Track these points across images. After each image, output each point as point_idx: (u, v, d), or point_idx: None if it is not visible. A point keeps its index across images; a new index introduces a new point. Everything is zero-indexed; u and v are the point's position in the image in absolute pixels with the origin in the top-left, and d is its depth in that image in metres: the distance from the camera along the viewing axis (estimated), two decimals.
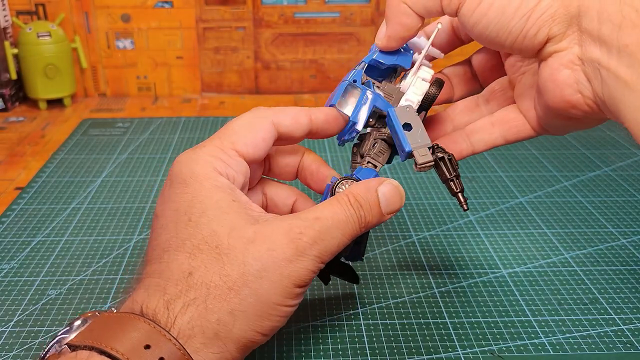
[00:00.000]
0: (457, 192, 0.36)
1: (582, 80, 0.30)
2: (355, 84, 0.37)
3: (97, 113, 0.83)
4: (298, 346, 0.39)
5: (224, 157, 0.33)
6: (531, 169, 0.65)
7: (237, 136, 0.33)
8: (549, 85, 0.32)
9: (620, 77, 0.28)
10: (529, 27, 0.30)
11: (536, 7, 0.30)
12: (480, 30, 0.32)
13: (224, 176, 0.32)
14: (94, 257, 0.48)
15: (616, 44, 0.28)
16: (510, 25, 0.31)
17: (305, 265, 0.30)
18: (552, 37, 0.30)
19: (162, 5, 0.85)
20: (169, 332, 0.27)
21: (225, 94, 0.91)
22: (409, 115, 0.35)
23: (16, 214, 0.55)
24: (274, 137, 0.35)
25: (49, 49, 0.80)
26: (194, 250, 0.30)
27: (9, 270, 0.46)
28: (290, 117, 0.35)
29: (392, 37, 0.35)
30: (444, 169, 0.35)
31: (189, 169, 0.32)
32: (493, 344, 0.39)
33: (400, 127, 0.35)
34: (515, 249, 0.50)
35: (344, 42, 0.89)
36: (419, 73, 0.37)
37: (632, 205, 0.57)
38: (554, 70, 0.31)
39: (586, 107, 0.31)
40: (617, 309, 0.42)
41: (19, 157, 0.68)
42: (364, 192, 0.33)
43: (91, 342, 0.27)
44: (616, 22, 0.28)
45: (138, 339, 0.27)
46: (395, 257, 0.49)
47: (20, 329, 0.40)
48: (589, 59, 0.29)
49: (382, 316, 0.42)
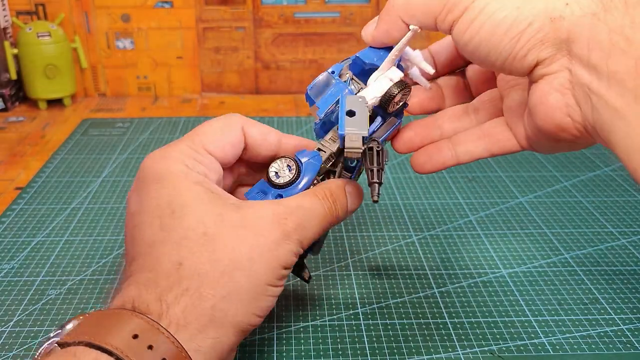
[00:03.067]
0: (372, 182, 0.34)
1: (571, 104, 0.30)
2: (332, 74, 0.37)
3: (97, 113, 0.83)
4: (298, 346, 0.39)
5: (195, 155, 0.34)
6: (531, 169, 0.65)
7: (206, 137, 0.35)
8: (539, 107, 0.32)
9: (610, 104, 0.28)
10: (518, 49, 0.30)
11: (525, 30, 0.30)
12: (472, 49, 0.32)
13: (197, 171, 0.33)
14: (94, 257, 0.48)
15: (606, 70, 0.28)
16: (500, 47, 0.31)
17: (290, 248, 0.32)
18: (541, 60, 0.30)
19: (162, 5, 0.85)
20: (159, 323, 0.28)
21: (225, 94, 0.91)
22: (357, 104, 0.35)
23: (16, 214, 0.55)
24: (242, 145, 0.36)
25: (49, 49, 0.80)
26: (182, 240, 0.30)
27: (9, 270, 0.46)
28: (260, 131, 0.37)
29: (376, 39, 0.36)
30: (369, 158, 0.35)
31: (162, 166, 0.33)
32: (493, 344, 0.39)
33: (343, 112, 0.35)
34: (515, 249, 0.50)
35: (343, 42, 0.89)
36: (387, 73, 0.37)
37: (632, 205, 0.57)
38: (544, 93, 0.31)
39: (575, 131, 0.31)
40: (617, 309, 0.42)
41: (19, 157, 0.68)
42: (336, 189, 0.36)
43: (81, 338, 0.27)
44: (606, 50, 0.28)
45: (128, 330, 0.27)
46: (395, 257, 0.49)
47: (20, 329, 0.40)
48: (579, 83, 0.29)
49: (382, 316, 0.42)
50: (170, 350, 0.27)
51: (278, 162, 0.37)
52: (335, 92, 0.36)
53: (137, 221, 0.32)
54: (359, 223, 0.54)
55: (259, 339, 0.39)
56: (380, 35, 0.35)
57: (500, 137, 0.37)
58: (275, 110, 0.85)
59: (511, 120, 0.37)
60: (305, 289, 0.44)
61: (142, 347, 0.27)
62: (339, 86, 0.37)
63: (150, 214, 0.31)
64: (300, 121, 0.79)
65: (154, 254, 0.30)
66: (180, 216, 0.31)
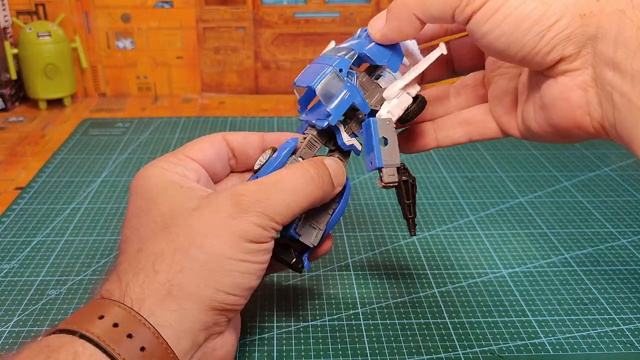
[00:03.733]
0: (409, 217, 0.38)
1: (593, 102, 0.30)
2: (341, 73, 0.36)
3: (97, 113, 0.83)
4: (298, 346, 0.39)
5: (173, 160, 0.35)
6: (531, 169, 0.65)
7: (187, 147, 0.37)
8: (560, 103, 0.31)
9: (633, 102, 0.28)
10: (543, 44, 0.30)
11: (553, 26, 0.29)
12: (491, 40, 0.31)
13: (174, 172, 0.34)
14: (94, 257, 0.48)
15: (630, 69, 0.28)
16: (523, 40, 0.30)
17: (249, 220, 0.31)
18: (565, 57, 0.30)
19: (162, 5, 0.85)
20: (123, 302, 0.29)
21: (225, 94, 0.91)
22: (387, 130, 0.35)
23: (16, 214, 0.55)
24: (226, 151, 0.37)
25: (49, 49, 0.80)
26: (145, 232, 0.32)
27: (9, 270, 0.46)
28: (241, 135, 0.38)
29: (387, 37, 0.35)
30: (404, 192, 0.37)
31: (141, 176, 0.34)
32: (493, 344, 0.39)
33: (377, 140, 0.35)
34: (515, 249, 0.50)
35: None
36: (408, 88, 0.37)
37: (632, 205, 0.57)
38: (566, 89, 0.31)
39: (592, 129, 0.31)
40: (617, 309, 0.42)
41: (19, 157, 0.68)
42: (315, 162, 0.35)
43: (56, 328, 0.28)
44: (632, 48, 0.28)
45: (96, 313, 0.28)
46: (395, 257, 0.49)
47: (20, 329, 0.40)
48: (601, 81, 0.29)
49: (382, 316, 0.41)
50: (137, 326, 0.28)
51: (263, 153, 0.37)
52: (349, 98, 0.36)
53: (122, 227, 0.34)
54: (359, 223, 0.54)
55: (259, 339, 0.39)
56: (391, 33, 0.35)
57: (480, 124, 0.38)
58: (275, 110, 0.85)
59: (496, 110, 0.37)
60: (305, 289, 0.44)
61: (108, 326, 0.28)
62: (353, 90, 0.36)
63: (128, 219, 0.33)
64: None
65: (121, 249, 0.33)
66: (146, 213, 0.32)
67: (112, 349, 0.27)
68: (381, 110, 0.37)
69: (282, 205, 0.32)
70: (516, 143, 0.71)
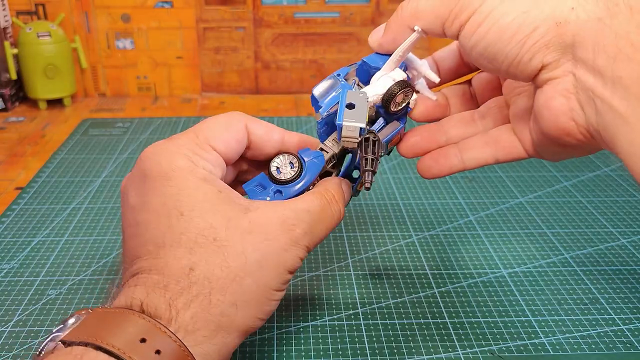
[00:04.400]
0: (365, 169, 0.35)
1: (576, 108, 0.30)
2: (338, 77, 0.37)
3: (97, 113, 0.83)
4: (298, 346, 0.39)
5: (200, 151, 0.33)
6: (531, 169, 0.65)
7: (211, 132, 0.34)
8: (544, 112, 0.32)
9: (615, 108, 0.28)
10: (523, 53, 0.30)
11: (531, 34, 0.30)
12: (478, 52, 0.32)
13: (203, 168, 0.32)
14: (94, 257, 0.48)
15: (610, 75, 0.28)
16: (506, 50, 0.31)
17: (297, 254, 0.32)
18: (546, 64, 0.30)
19: (162, 5, 0.85)
20: (168, 327, 0.27)
21: (225, 94, 0.91)
22: (357, 98, 0.35)
23: (16, 214, 0.55)
24: (245, 142, 0.36)
25: (49, 49, 0.80)
26: (192, 245, 0.30)
27: (9, 270, 0.46)
28: (263, 128, 0.37)
29: (383, 46, 0.37)
30: (364, 147, 0.35)
31: (168, 161, 0.32)
32: (493, 344, 0.39)
33: (343, 104, 0.35)
34: (515, 249, 0.50)
35: (343, 42, 0.89)
36: (391, 73, 0.37)
37: (632, 205, 0.57)
38: (548, 98, 0.31)
39: (580, 135, 0.31)
40: (617, 309, 0.42)
41: (19, 157, 0.68)
42: (338, 190, 0.36)
43: (86, 338, 0.27)
44: (611, 54, 0.28)
45: (135, 333, 0.27)
46: (395, 257, 0.49)
47: (20, 329, 0.40)
48: (583, 87, 0.29)
49: (382, 316, 0.42)
50: (176, 353, 0.27)
51: (280, 157, 0.37)
52: (340, 93, 0.36)
53: (141, 218, 0.31)
54: (359, 223, 0.54)
55: (259, 339, 0.39)
56: (387, 43, 0.36)
57: (506, 144, 0.37)
58: (275, 110, 0.85)
59: (517, 127, 0.37)
60: (305, 289, 0.44)
61: (150, 351, 0.26)
62: (344, 87, 0.37)
63: (156, 213, 0.31)
64: (300, 121, 0.79)
65: (162, 256, 0.30)
66: (189, 219, 0.30)
67: None
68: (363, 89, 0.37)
69: (320, 237, 0.34)
70: None
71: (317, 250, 0.49)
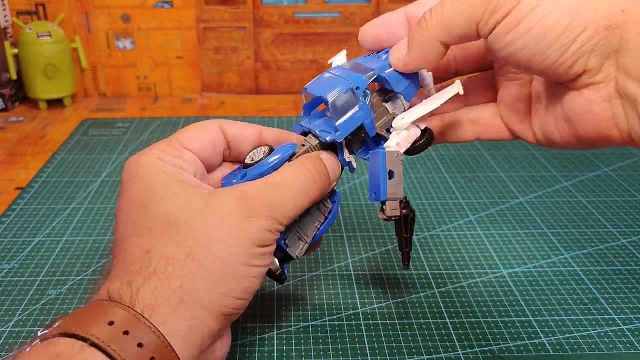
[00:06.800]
0: (404, 250, 0.38)
1: (619, 114, 0.30)
2: (357, 91, 0.35)
3: (97, 113, 0.83)
4: (298, 346, 0.39)
5: (170, 149, 0.34)
6: (531, 169, 0.65)
7: (184, 134, 0.35)
8: (585, 116, 0.31)
9: None
10: (567, 57, 0.29)
11: (578, 37, 0.29)
12: (512, 51, 0.30)
13: (170, 164, 0.33)
14: (94, 257, 0.48)
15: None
16: (547, 53, 0.29)
17: (259, 224, 0.31)
18: (588, 69, 0.30)
19: (162, 5, 0.85)
20: (133, 308, 0.28)
21: (225, 94, 0.91)
22: (395, 163, 0.35)
23: (16, 214, 0.55)
24: (222, 142, 0.36)
25: (49, 49, 0.80)
26: (149, 232, 0.31)
27: (9, 270, 0.46)
28: (238, 126, 0.37)
29: (409, 66, 0.35)
30: (403, 226, 0.37)
31: (136, 163, 0.33)
32: (493, 344, 0.39)
33: (385, 173, 0.35)
34: (515, 249, 0.50)
35: (344, 42, 0.89)
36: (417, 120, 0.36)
37: (632, 205, 0.57)
38: (590, 102, 0.30)
39: (620, 140, 0.30)
40: (617, 309, 0.42)
41: (19, 157, 0.68)
42: (314, 159, 0.35)
43: (59, 330, 0.27)
44: None
45: (104, 319, 0.27)
46: (395, 257, 0.49)
47: (20, 329, 0.40)
48: (625, 93, 0.29)
49: (382, 316, 0.41)
50: (147, 335, 0.27)
51: (256, 149, 0.37)
52: (360, 118, 0.35)
53: (115, 221, 0.33)
54: (359, 223, 0.54)
55: (259, 339, 0.39)
56: (415, 62, 0.34)
57: (490, 126, 0.38)
58: (275, 110, 0.85)
59: (507, 114, 0.37)
60: (305, 289, 0.44)
61: (118, 333, 0.27)
62: (365, 111, 0.35)
63: (125, 211, 0.32)
64: None
65: (124, 247, 0.31)
66: (148, 209, 0.31)
67: (123, 358, 0.26)
68: (390, 142, 0.36)
69: (289, 208, 0.32)
70: (516, 143, 0.71)
71: (317, 250, 0.49)
